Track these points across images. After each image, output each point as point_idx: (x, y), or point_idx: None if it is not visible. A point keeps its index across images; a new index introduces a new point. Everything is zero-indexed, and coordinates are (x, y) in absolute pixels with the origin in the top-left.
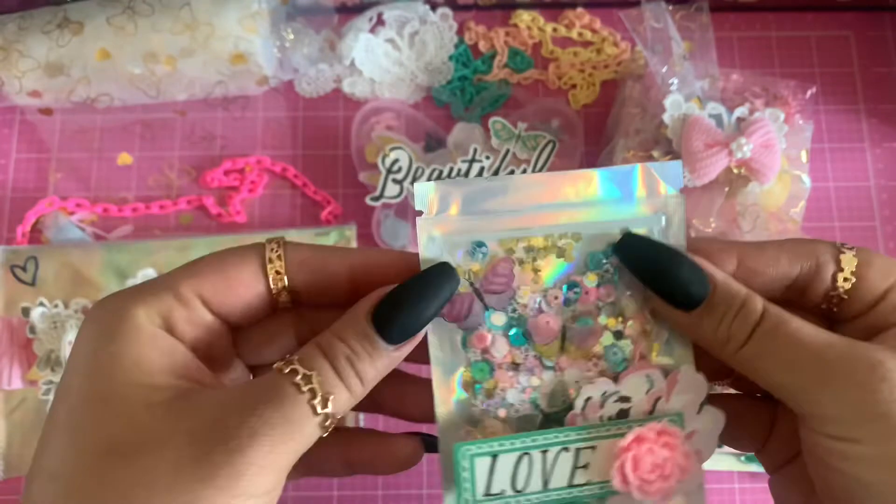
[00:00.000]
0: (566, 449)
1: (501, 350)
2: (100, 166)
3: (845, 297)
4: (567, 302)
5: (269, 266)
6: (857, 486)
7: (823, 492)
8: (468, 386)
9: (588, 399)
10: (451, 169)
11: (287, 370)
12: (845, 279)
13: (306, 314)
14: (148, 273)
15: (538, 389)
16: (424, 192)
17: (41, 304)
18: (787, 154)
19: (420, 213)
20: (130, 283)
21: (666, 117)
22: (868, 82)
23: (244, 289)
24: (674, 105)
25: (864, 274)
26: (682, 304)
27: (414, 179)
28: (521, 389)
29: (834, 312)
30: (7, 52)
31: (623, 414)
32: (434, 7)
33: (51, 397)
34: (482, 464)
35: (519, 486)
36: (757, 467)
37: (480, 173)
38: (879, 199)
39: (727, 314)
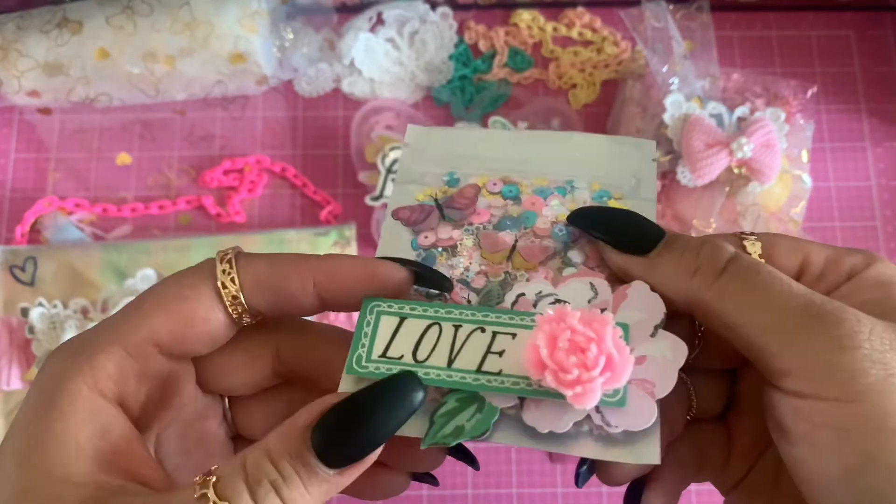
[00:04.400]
0: (482, 329)
1: (446, 231)
2: (99, 166)
3: None
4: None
5: (223, 292)
6: (807, 445)
7: (788, 463)
8: None
9: (520, 295)
10: None
11: (198, 494)
12: None
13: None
14: (147, 273)
15: (471, 280)
16: (415, 131)
17: (40, 304)
18: (787, 154)
19: (407, 145)
20: (130, 283)
21: (666, 117)
22: (869, 82)
23: (202, 323)
24: (674, 104)
25: (772, 254)
26: (638, 246)
27: None
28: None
29: None
30: (6, 52)
31: None
32: (434, 6)
33: None
34: (387, 323)
35: (421, 357)
36: None
37: None
38: (881, 199)
39: (689, 248)
